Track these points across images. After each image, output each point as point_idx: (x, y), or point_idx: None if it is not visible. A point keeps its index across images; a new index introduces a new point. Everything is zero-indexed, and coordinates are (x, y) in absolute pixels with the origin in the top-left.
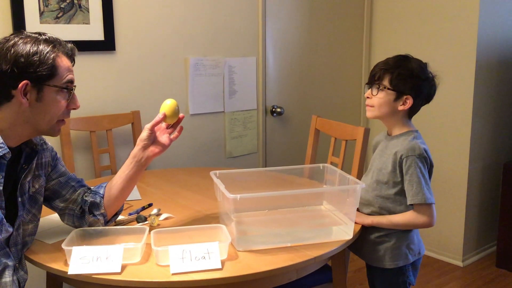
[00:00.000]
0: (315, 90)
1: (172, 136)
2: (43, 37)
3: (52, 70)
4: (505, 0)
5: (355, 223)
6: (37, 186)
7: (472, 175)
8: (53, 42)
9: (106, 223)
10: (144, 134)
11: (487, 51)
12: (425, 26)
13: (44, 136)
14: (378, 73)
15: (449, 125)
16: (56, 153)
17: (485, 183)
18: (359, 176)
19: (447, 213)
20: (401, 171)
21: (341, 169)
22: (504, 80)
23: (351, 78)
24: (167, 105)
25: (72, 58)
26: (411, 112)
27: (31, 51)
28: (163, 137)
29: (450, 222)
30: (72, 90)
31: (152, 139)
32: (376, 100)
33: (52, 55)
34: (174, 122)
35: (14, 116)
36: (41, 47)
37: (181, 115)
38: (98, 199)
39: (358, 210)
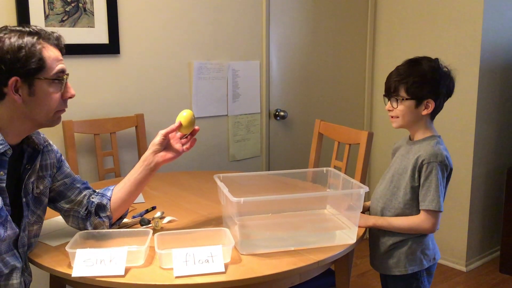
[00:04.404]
0: (319, 94)
1: (184, 147)
2: (27, 29)
3: (40, 63)
4: (509, 4)
5: (358, 226)
6: (41, 188)
7: (476, 180)
8: (38, 34)
9: (111, 226)
10: (157, 139)
11: (491, 55)
12: (429, 31)
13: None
14: (392, 85)
15: (453, 129)
16: (61, 155)
17: (488, 188)
18: (363, 180)
19: (451, 218)
20: (419, 175)
21: (345, 173)
22: (508, 84)
23: (354, 82)
24: (183, 116)
25: (59, 47)
26: (435, 112)
27: (16, 46)
28: (176, 145)
29: (453, 227)
30: (63, 80)
31: (165, 145)
32: (399, 111)
33: (38, 47)
34: (189, 132)
35: (11, 113)
36: (25, 40)
37: (196, 127)
38: (105, 201)
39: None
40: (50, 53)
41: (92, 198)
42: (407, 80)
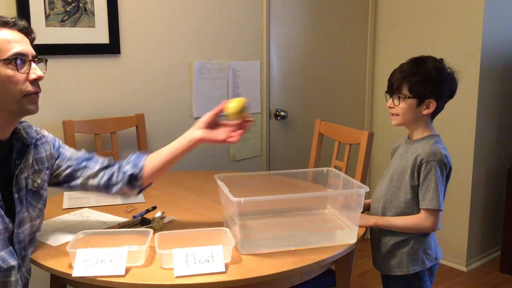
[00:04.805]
0: (319, 94)
1: (229, 139)
2: None
3: None
4: (509, 5)
5: (359, 226)
6: (39, 181)
7: (476, 180)
8: None
9: (139, 193)
10: (204, 117)
11: (491, 55)
12: (430, 31)
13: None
14: (396, 83)
15: (453, 130)
16: (58, 142)
17: (489, 188)
18: (363, 180)
19: (451, 218)
20: (418, 175)
21: (345, 173)
22: (508, 85)
23: (355, 82)
24: (233, 100)
25: (19, 29)
26: (436, 112)
27: None
28: (223, 132)
29: (454, 227)
30: (19, 60)
31: (211, 126)
32: (399, 109)
33: None
34: (239, 120)
35: None
36: None
37: (248, 119)
38: (137, 171)
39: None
40: (2, 35)
41: (125, 166)
42: (411, 78)
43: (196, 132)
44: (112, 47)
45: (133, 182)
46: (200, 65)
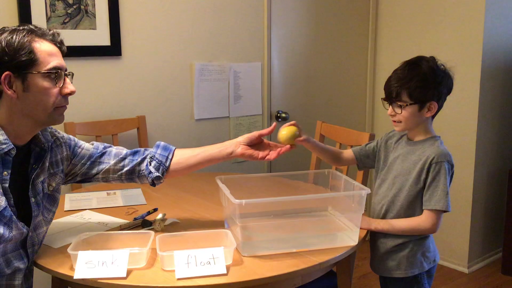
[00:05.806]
0: (320, 96)
1: (267, 156)
2: (21, 27)
3: (31, 56)
4: (510, 4)
5: (360, 228)
6: (54, 185)
7: (478, 182)
8: (31, 30)
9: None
10: (251, 133)
11: (492, 56)
12: (430, 31)
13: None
14: (394, 91)
15: (455, 130)
16: (74, 141)
17: (490, 190)
18: (364, 182)
19: (453, 220)
20: (427, 176)
21: (346, 175)
22: (510, 86)
23: (356, 83)
24: (286, 127)
25: (56, 43)
26: (437, 112)
27: (6, 41)
28: (261, 150)
29: (455, 228)
30: (58, 74)
31: (254, 143)
32: (402, 117)
33: (27, 39)
34: (288, 145)
35: (10, 111)
36: (15, 35)
37: (293, 146)
38: (161, 172)
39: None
40: (43, 47)
41: (150, 164)
42: (409, 84)
43: (238, 148)
44: (113, 49)
45: (156, 180)
46: (201, 67)
